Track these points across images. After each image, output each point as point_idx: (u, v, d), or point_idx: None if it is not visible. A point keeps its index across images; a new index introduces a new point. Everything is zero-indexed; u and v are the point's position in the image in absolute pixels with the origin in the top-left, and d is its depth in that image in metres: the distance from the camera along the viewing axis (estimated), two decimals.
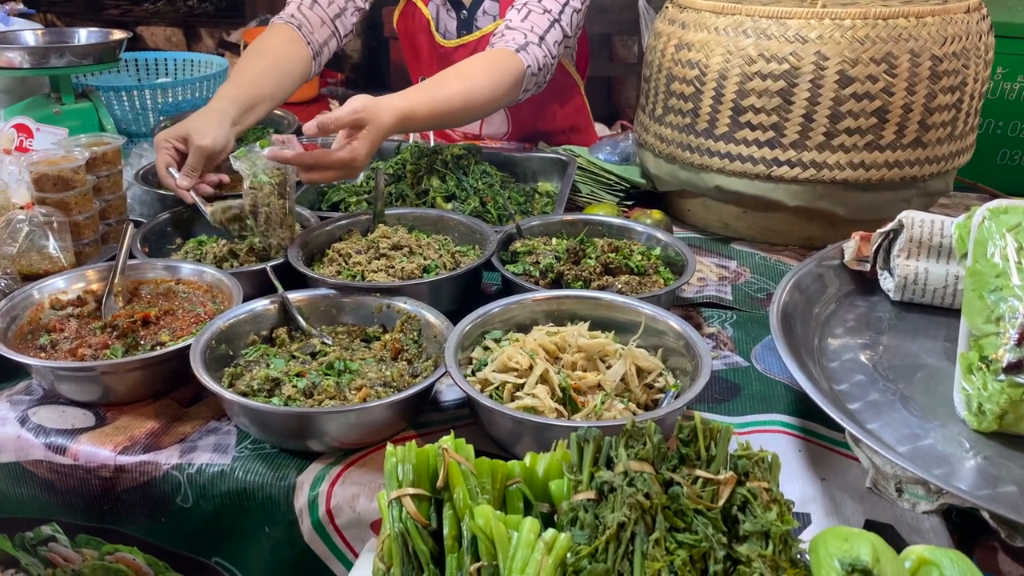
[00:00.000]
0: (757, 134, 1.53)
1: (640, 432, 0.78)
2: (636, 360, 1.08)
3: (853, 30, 1.44)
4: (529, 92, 1.75)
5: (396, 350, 1.17)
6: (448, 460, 0.77)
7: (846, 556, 0.67)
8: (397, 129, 1.47)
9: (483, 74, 1.65)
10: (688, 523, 0.72)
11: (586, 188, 1.81)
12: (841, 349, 1.19)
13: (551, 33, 1.74)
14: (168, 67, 2.31)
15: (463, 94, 1.60)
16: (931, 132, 1.51)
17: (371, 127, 1.41)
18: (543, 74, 1.74)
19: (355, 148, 1.40)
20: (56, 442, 1.08)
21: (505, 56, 1.68)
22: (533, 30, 1.72)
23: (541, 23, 1.73)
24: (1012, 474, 0.94)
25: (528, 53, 1.68)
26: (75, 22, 5.07)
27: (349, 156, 1.39)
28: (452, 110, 1.59)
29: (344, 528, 1.01)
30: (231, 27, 4.72)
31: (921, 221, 1.26)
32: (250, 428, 1.07)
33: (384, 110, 1.43)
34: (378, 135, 1.42)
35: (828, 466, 1.04)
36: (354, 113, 1.39)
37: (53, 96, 1.77)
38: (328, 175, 1.42)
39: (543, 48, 1.71)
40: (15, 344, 1.16)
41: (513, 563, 0.69)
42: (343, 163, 1.40)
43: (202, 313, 1.25)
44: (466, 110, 1.62)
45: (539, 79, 1.74)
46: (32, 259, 1.34)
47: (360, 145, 1.40)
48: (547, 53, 1.72)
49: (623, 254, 1.36)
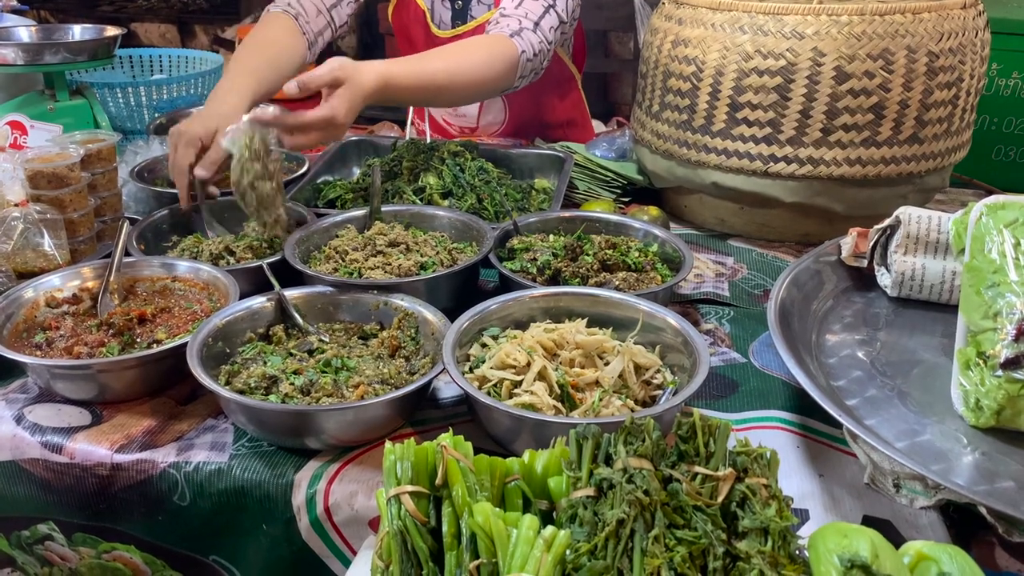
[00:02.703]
0: (754, 130, 1.53)
1: (639, 429, 0.78)
2: (634, 357, 1.08)
3: (850, 26, 1.44)
4: (526, 79, 1.76)
5: (393, 347, 1.17)
6: (447, 457, 0.77)
7: (845, 552, 0.67)
8: (378, 95, 1.47)
9: (471, 54, 1.66)
10: (687, 519, 0.72)
11: (583, 185, 1.81)
12: (839, 345, 1.19)
13: (545, 19, 1.75)
14: (163, 64, 2.30)
15: (446, 72, 1.60)
16: (927, 128, 1.51)
17: (349, 85, 1.41)
18: (539, 60, 1.74)
19: (334, 106, 1.40)
20: (52, 440, 1.08)
21: (498, 40, 1.68)
22: (527, 16, 1.73)
23: (535, 9, 1.74)
24: (1009, 469, 0.94)
25: (522, 38, 1.69)
26: (69, 18, 5.04)
27: (329, 114, 1.39)
28: (436, 85, 1.59)
29: (342, 526, 1.01)
30: (225, 23, 4.70)
31: (918, 217, 1.26)
32: (247, 426, 1.06)
33: (364, 71, 1.44)
34: (357, 94, 1.42)
35: (826, 462, 1.04)
36: (331, 72, 1.40)
37: (47, 93, 1.77)
38: (311, 137, 1.41)
39: (538, 34, 1.72)
40: (10, 342, 1.16)
41: (512, 560, 0.69)
42: (324, 121, 1.39)
43: (198, 311, 1.24)
44: (450, 88, 1.62)
45: (535, 65, 1.74)
46: (27, 257, 1.34)
47: (339, 103, 1.40)
48: (542, 39, 1.73)
49: (620, 251, 1.36)
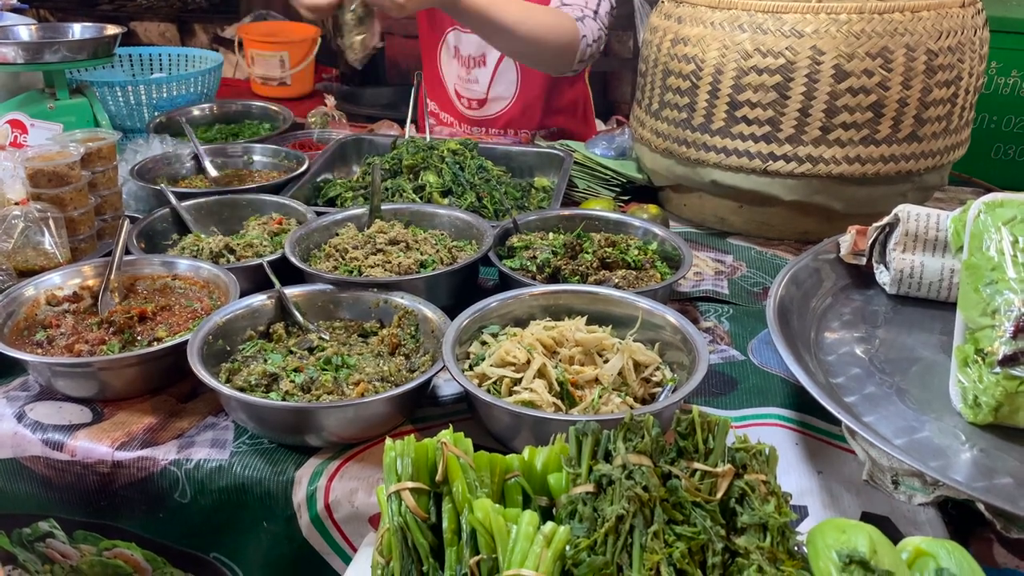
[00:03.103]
0: (753, 129, 1.53)
1: (638, 425, 0.78)
2: (633, 354, 1.08)
3: (849, 24, 1.44)
4: (585, 63, 1.90)
5: (394, 345, 1.17)
6: (447, 454, 0.77)
7: (843, 547, 0.68)
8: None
9: (542, 14, 1.83)
10: (686, 515, 0.73)
11: (582, 183, 1.81)
12: (837, 343, 1.19)
13: (602, 5, 1.91)
14: (162, 62, 2.31)
15: (516, 16, 1.78)
16: (926, 126, 1.52)
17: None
18: (597, 46, 1.89)
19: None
20: (53, 438, 1.08)
21: (565, 16, 1.86)
22: (588, 5, 1.88)
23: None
24: (1007, 466, 0.94)
25: (584, 25, 1.84)
26: (68, 17, 5.04)
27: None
28: (502, 22, 1.77)
29: (342, 523, 1.01)
30: (225, 23, 4.69)
31: (917, 215, 1.26)
32: (248, 423, 1.07)
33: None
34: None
35: (825, 459, 1.04)
36: None
37: (47, 91, 1.77)
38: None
39: (597, 21, 1.87)
40: (11, 340, 1.16)
41: (512, 556, 0.69)
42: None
43: (199, 309, 1.25)
44: (513, 32, 1.79)
45: (594, 51, 1.89)
46: (27, 255, 1.34)
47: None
48: (601, 26, 1.88)
49: (620, 249, 1.37)
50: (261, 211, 1.55)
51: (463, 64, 2.18)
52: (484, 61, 2.15)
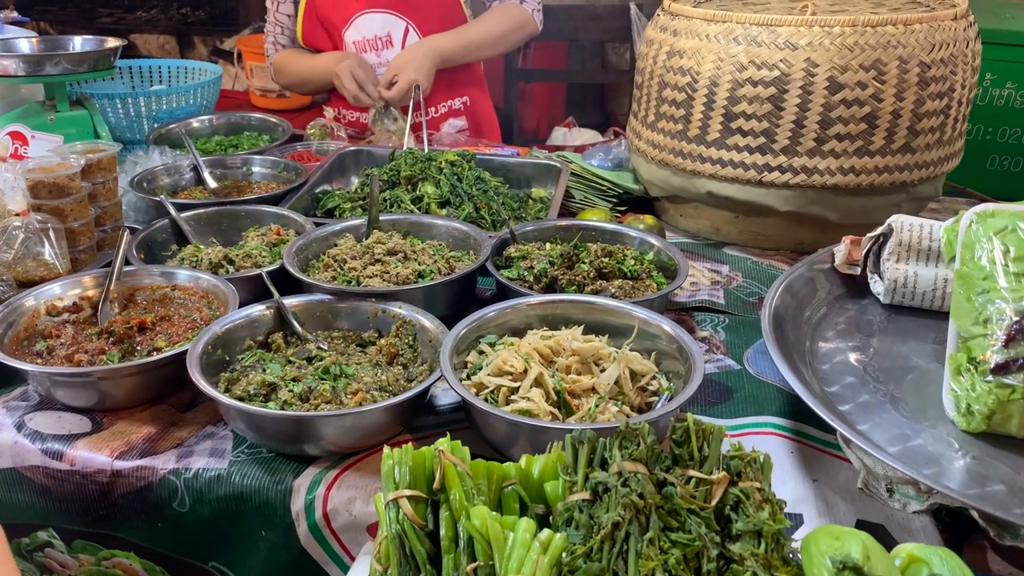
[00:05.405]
0: (748, 140, 1.54)
1: (634, 433, 0.79)
2: (630, 363, 1.09)
3: (842, 37, 1.46)
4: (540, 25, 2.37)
5: (391, 355, 1.18)
6: (444, 462, 0.78)
7: (837, 554, 0.68)
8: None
9: (501, 20, 2.27)
10: (682, 522, 0.73)
11: (579, 194, 1.83)
12: (832, 352, 1.20)
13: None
14: (162, 75, 2.32)
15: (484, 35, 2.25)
16: (920, 138, 1.53)
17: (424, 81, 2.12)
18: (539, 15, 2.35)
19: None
20: (52, 447, 1.09)
21: (516, 8, 2.29)
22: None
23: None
24: (1000, 473, 0.95)
25: (529, 4, 2.30)
26: (69, 30, 5.06)
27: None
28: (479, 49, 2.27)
29: (341, 531, 1.02)
30: (224, 35, 4.72)
31: (910, 225, 1.27)
32: (246, 432, 1.07)
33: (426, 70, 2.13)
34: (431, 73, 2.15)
35: (820, 467, 1.05)
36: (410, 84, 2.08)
37: (48, 103, 1.78)
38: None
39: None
40: (11, 350, 1.17)
41: (509, 563, 0.70)
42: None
43: (198, 319, 1.25)
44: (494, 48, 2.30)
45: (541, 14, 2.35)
46: (28, 265, 1.35)
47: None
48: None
49: (616, 259, 1.38)
50: (260, 222, 1.56)
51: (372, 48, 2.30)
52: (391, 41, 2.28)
